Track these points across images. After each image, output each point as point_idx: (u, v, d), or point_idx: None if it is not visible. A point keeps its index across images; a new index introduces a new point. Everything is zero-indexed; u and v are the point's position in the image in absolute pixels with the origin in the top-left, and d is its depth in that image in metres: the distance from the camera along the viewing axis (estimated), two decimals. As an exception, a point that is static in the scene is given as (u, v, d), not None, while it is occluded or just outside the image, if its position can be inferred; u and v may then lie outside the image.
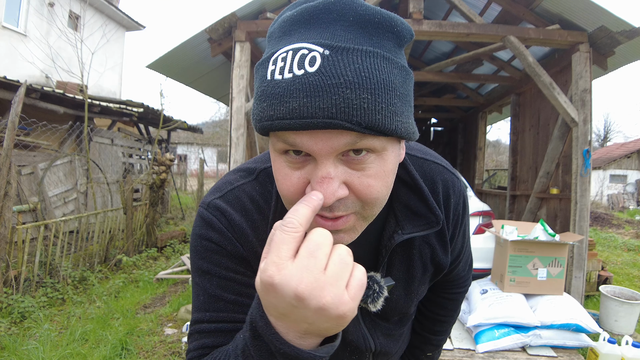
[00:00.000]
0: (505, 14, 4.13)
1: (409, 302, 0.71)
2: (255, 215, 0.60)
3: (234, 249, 0.59)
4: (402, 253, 0.66)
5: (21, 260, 3.49)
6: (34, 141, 5.21)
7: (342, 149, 0.43)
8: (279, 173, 0.48)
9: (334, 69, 0.40)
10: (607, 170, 19.93)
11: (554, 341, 2.64)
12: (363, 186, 0.46)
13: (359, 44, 0.42)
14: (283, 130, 0.43)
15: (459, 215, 0.71)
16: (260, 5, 3.68)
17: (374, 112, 0.41)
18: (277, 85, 0.42)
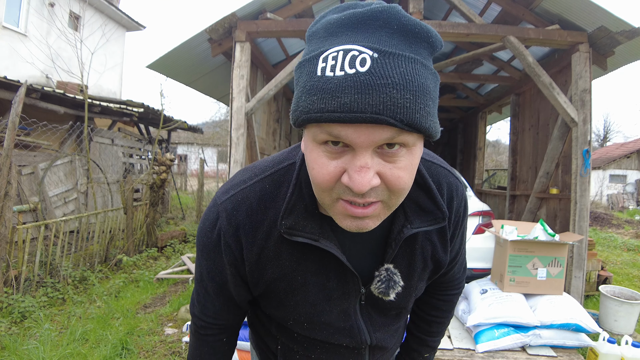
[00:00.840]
0: (505, 14, 4.14)
1: (407, 297, 0.73)
2: (259, 215, 0.64)
3: (229, 250, 0.65)
4: (405, 248, 0.69)
5: (21, 260, 3.49)
6: (35, 141, 5.21)
7: (381, 142, 0.48)
8: (315, 162, 0.52)
9: (382, 71, 0.45)
10: (607, 170, 19.94)
11: (554, 341, 2.64)
12: (394, 177, 0.51)
13: (402, 50, 0.47)
14: (331, 123, 0.47)
15: (460, 217, 0.75)
16: (260, 5, 3.69)
17: (414, 111, 0.46)
18: (328, 81, 0.46)
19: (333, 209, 0.56)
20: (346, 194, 0.51)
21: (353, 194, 0.50)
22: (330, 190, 0.53)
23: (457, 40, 5.10)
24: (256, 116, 5.11)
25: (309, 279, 0.66)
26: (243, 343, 2.22)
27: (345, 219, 0.55)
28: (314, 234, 0.62)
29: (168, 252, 5.58)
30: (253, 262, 0.65)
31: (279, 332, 0.78)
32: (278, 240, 0.64)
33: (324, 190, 0.53)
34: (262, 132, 5.58)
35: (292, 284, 0.67)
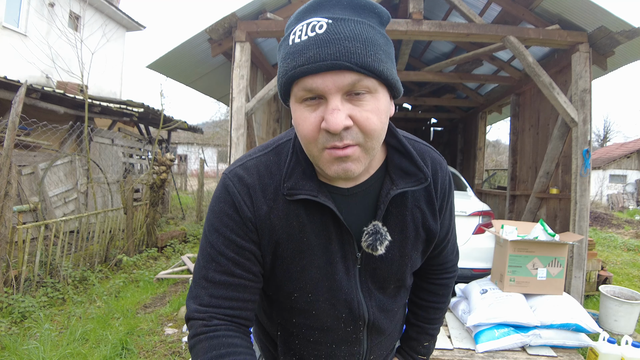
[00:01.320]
0: (505, 14, 4.14)
1: (403, 265, 0.78)
2: (266, 179, 0.72)
3: (242, 212, 0.70)
4: (397, 214, 0.75)
5: (21, 260, 3.49)
6: (35, 141, 5.21)
7: (346, 88, 0.58)
8: (299, 118, 0.63)
9: (335, 30, 0.57)
10: (607, 170, 19.93)
11: (554, 341, 2.64)
12: (363, 118, 0.60)
13: (351, 16, 0.59)
14: (303, 76, 0.58)
15: (446, 189, 0.80)
16: (260, 5, 3.69)
17: (365, 56, 0.57)
18: (296, 45, 0.59)
19: (321, 159, 0.64)
20: (328, 141, 0.60)
21: (333, 138, 0.60)
22: (315, 141, 0.62)
23: (457, 40, 5.10)
24: (256, 116, 5.11)
25: (313, 241, 0.72)
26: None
27: (332, 165, 0.63)
28: (312, 191, 0.69)
29: (168, 252, 5.58)
30: (263, 221, 0.71)
31: (280, 316, 0.81)
32: (284, 203, 0.71)
33: (310, 141, 0.63)
34: (262, 132, 5.58)
35: (298, 246, 0.72)
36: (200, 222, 7.97)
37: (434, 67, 5.49)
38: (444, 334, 2.85)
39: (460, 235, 3.66)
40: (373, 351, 0.85)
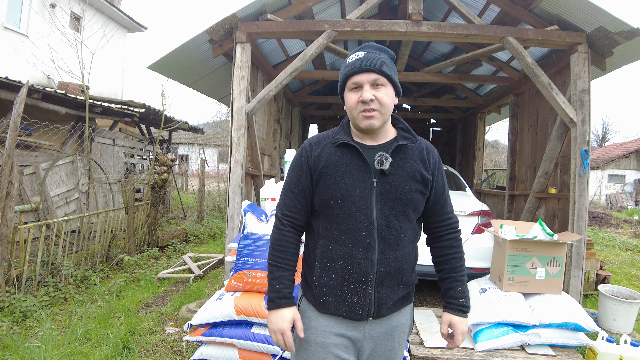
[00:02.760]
0: (504, 15, 4.15)
1: (405, 191, 1.19)
2: (321, 139, 1.28)
3: (304, 157, 1.25)
4: (401, 158, 1.22)
5: (23, 259, 3.51)
6: (36, 141, 5.23)
7: (371, 81, 1.16)
8: (350, 98, 1.20)
9: (368, 56, 1.18)
10: (606, 170, 19.94)
11: (553, 340, 2.65)
12: (379, 96, 1.16)
13: (375, 52, 1.21)
14: (352, 75, 1.18)
15: (437, 162, 1.28)
16: (260, 6, 3.71)
17: (381, 67, 1.17)
18: (350, 63, 1.20)
19: (358, 117, 1.18)
20: (362, 106, 1.16)
21: (364, 105, 1.16)
22: (355, 107, 1.18)
23: (456, 41, 5.12)
24: (257, 116, 5.13)
25: (344, 168, 1.20)
26: (245, 342, 2.24)
27: (363, 120, 1.17)
28: (349, 140, 1.22)
29: (169, 252, 5.59)
30: (315, 157, 1.23)
31: (320, 227, 1.23)
32: (330, 148, 1.24)
33: (354, 108, 1.19)
34: (262, 133, 5.59)
35: (334, 171, 1.20)
36: (201, 222, 7.99)
37: (433, 68, 5.50)
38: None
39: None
40: (382, 264, 1.17)
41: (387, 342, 1.24)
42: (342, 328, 1.21)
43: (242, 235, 2.51)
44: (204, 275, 4.46)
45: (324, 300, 1.20)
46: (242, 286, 2.40)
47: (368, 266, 1.16)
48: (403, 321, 1.29)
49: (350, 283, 1.17)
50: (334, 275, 1.19)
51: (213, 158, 21.01)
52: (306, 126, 9.75)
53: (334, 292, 1.19)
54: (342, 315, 1.19)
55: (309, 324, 1.24)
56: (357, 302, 1.17)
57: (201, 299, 3.57)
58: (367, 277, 1.16)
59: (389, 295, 1.19)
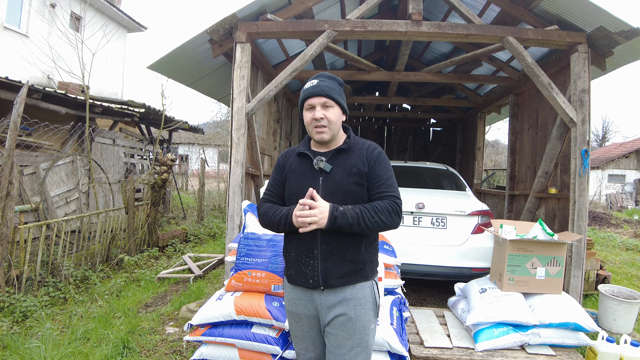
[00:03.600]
0: (504, 14, 4.15)
1: (344, 184, 1.50)
2: (290, 151, 1.67)
3: (280, 163, 1.66)
4: (341, 157, 1.56)
5: (23, 259, 3.51)
6: (36, 141, 5.23)
7: (322, 104, 1.53)
8: (306, 117, 1.56)
9: (320, 84, 1.55)
10: (606, 170, 19.94)
11: (553, 340, 2.65)
12: (328, 115, 1.52)
13: (325, 80, 1.58)
14: (308, 98, 1.54)
15: (375, 157, 1.55)
16: (260, 6, 3.71)
17: (331, 92, 1.54)
18: (307, 89, 1.57)
19: (312, 131, 1.54)
20: (315, 123, 1.52)
21: (316, 122, 1.52)
22: (310, 123, 1.54)
23: (456, 41, 5.12)
24: (257, 116, 5.13)
25: (301, 170, 1.57)
26: (245, 342, 2.24)
27: (317, 134, 1.53)
28: (304, 150, 1.59)
29: (169, 252, 5.59)
30: (284, 164, 1.63)
31: None
32: (293, 157, 1.62)
33: (309, 124, 1.55)
34: (262, 133, 5.59)
35: (294, 173, 1.58)
36: (201, 222, 7.99)
37: (433, 68, 5.50)
38: (444, 333, 2.87)
39: (460, 235, 3.68)
40: (324, 242, 1.47)
41: (342, 311, 1.47)
42: (304, 296, 1.54)
43: (242, 235, 2.51)
44: (204, 275, 4.46)
45: (290, 273, 1.57)
46: (242, 286, 2.40)
47: (313, 244, 1.47)
48: (359, 295, 1.49)
49: (302, 258, 1.50)
50: (292, 253, 1.54)
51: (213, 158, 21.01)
52: (306, 126, 9.74)
53: (294, 266, 1.53)
54: (301, 284, 1.52)
55: (287, 296, 1.61)
56: (308, 274, 1.49)
57: (201, 299, 3.58)
58: (313, 253, 1.48)
59: (333, 269, 1.47)
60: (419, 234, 3.70)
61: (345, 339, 1.47)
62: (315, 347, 1.59)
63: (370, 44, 7.04)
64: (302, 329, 1.58)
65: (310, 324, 1.56)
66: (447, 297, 3.63)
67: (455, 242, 3.64)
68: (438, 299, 4.04)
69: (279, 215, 1.49)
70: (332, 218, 1.38)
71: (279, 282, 2.34)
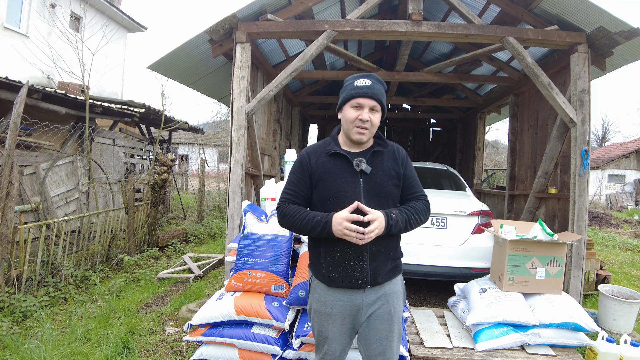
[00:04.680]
0: (504, 14, 4.15)
1: (385, 185, 1.54)
2: (317, 149, 1.62)
3: (305, 164, 1.58)
4: (377, 159, 1.58)
5: (23, 259, 3.51)
6: (36, 141, 5.23)
7: (371, 107, 1.52)
8: (350, 114, 1.52)
9: (372, 86, 1.53)
10: (606, 170, 19.94)
11: (553, 340, 2.65)
12: (373, 119, 1.52)
13: (376, 82, 1.55)
14: (359, 97, 1.51)
15: (404, 158, 1.63)
16: (260, 6, 3.71)
17: (382, 97, 1.55)
18: (359, 86, 1.54)
19: (352, 130, 1.52)
20: (358, 123, 1.51)
21: (361, 122, 1.50)
22: (353, 122, 1.51)
23: (456, 41, 5.12)
24: (257, 117, 5.13)
25: (336, 171, 1.54)
26: (245, 342, 2.24)
27: (356, 134, 1.52)
28: (339, 150, 1.56)
29: (169, 252, 5.59)
30: (314, 164, 1.57)
31: None
32: (324, 157, 1.57)
33: (351, 122, 1.52)
34: (262, 133, 5.59)
35: (330, 174, 1.54)
36: (201, 222, 7.99)
37: (433, 68, 5.50)
38: (444, 333, 2.87)
39: (459, 235, 3.68)
40: (373, 244, 1.47)
41: (383, 306, 1.55)
42: (343, 297, 1.55)
43: (242, 235, 2.51)
44: (204, 275, 4.46)
45: (332, 277, 1.54)
46: (242, 286, 2.40)
47: (363, 247, 1.48)
48: (395, 289, 1.60)
49: (350, 261, 1.50)
50: (336, 257, 1.52)
51: (213, 158, 21.01)
52: (306, 126, 9.75)
53: (338, 269, 1.52)
54: (346, 286, 1.53)
55: (320, 298, 1.59)
56: (357, 275, 1.51)
57: (201, 299, 3.57)
58: (363, 255, 1.50)
59: (381, 267, 1.53)
60: (418, 234, 3.69)
61: (386, 330, 1.55)
62: (342, 348, 1.60)
63: (370, 44, 7.04)
64: (334, 330, 1.56)
65: (343, 324, 1.56)
66: (447, 297, 3.63)
67: (455, 242, 3.64)
68: (438, 299, 4.04)
69: (313, 222, 1.46)
70: (388, 227, 1.44)
71: (278, 282, 2.34)
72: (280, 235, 2.43)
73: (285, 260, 2.38)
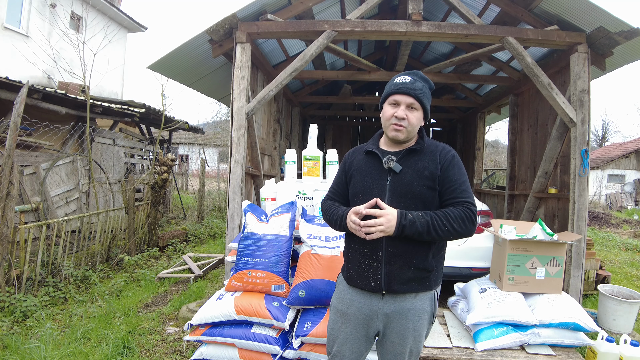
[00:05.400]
0: (504, 15, 4.16)
1: (414, 186, 1.44)
2: (357, 149, 1.65)
3: (345, 163, 1.64)
4: (413, 158, 1.50)
5: (23, 259, 3.51)
6: (36, 141, 5.23)
7: (408, 103, 1.47)
8: (387, 111, 1.50)
9: (412, 82, 1.49)
10: (605, 170, 19.94)
11: (553, 340, 2.65)
12: (410, 117, 1.47)
13: (418, 79, 1.52)
14: (394, 94, 1.49)
15: (448, 160, 1.49)
16: (260, 6, 3.71)
17: (419, 94, 1.48)
18: (398, 83, 1.50)
19: (389, 127, 1.49)
20: (395, 120, 1.46)
21: (397, 120, 1.46)
22: (390, 119, 1.47)
23: (456, 41, 5.13)
24: (257, 117, 5.13)
25: (368, 169, 1.53)
26: (245, 342, 2.24)
27: (392, 131, 1.48)
28: (373, 148, 1.56)
29: (169, 252, 5.60)
30: (350, 163, 1.61)
31: None
32: (360, 155, 1.60)
33: (388, 119, 1.48)
34: (262, 133, 5.60)
35: (361, 171, 1.54)
36: (201, 222, 7.99)
37: (433, 68, 5.51)
38: (443, 333, 2.87)
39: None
40: (390, 245, 1.42)
41: (400, 322, 1.46)
42: (360, 298, 1.50)
43: (242, 235, 2.51)
44: (204, 275, 4.46)
45: (350, 274, 1.52)
46: (242, 286, 2.40)
47: (377, 246, 1.42)
48: (419, 307, 1.47)
49: (365, 260, 1.46)
50: (355, 254, 1.50)
51: (213, 158, 21.01)
52: (306, 126, 9.74)
53: (355, 267, 1.50)
54: (361, 287, 1.48)
55: (340, 295, 1.58)
56: (371, 276, 1.45)
57: (201, 299, 3.58)
58: (378, 255, 1.43)
59: (398, 274, 1.42)
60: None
61: (400, 346, 1.47)
62: (353, 353, 1.53)
63: (370, 44, 7.04)
64: (346, 331, 1.51)
65: (357, 327, 1.50)
66: (446, 297, 3.63)
67: (455, 242, 3.64)
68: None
69: (336, 215, 1.48)
70: (399, 227, 1.33)
71: (279, 282, 2.35)
72: (280, 235, 2.43)
73: (285, 260, 2.38)
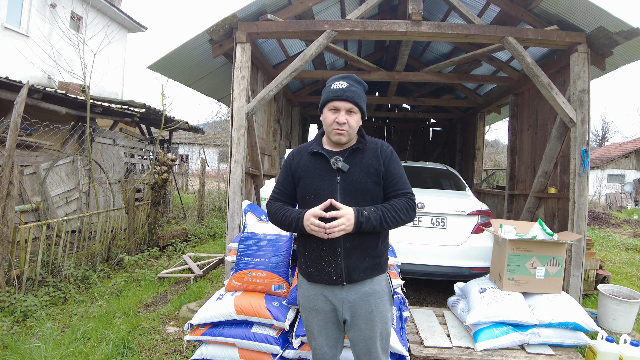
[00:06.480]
0: (504, 14, 4.16)
1: (362, 183, 1.54)
2: (301, 149, 1.70)
3: (288, 163, 1.68)
4: (357, 157, 1.59)
5: (24, 259, 3.51)
6: (37, 141, 5.23)
7: (347, 109, 1.55)
8: (328, 117, 1.57)
9: (349, 88, 1.57)
10: (605, 170, 19.95)
11: (553, 339, 2.66)
12: (350, 121, 1.55)
13: (354, 84, 1.59)
14: (335, 100, 1.55)
15: (388, 155, 1.61)
16: (260, 6, 3.71)
17: (358, 99, 1.57)
18: (335, 89, 1.57)
19: (331, 132, 1.56)
20: (336, 125, 1.54)
21: (338, 125, 1.54)
22: (331, 124, 1.55)
23: (456, 41, 5.13)
24: (257, 116, 5.13)
25: (316, 170, 1.59)
26: (245, 342, 2.25)
27: (335, 135, 1.56)
28: (319, 149, 1.61)
29: (169, 252, 5.60)
30: (296, 164, 1.64)
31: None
32: (306, 156, 1.63)
33: (330, 125, 1.56)
34: (262, 133, 5.60)
35: (309, 172, 1.59)
36: (201, 222, 7.99)
37: (433, 68, 5.51)
38: (443, 333, 2.88)
39: (459, 235, 3.68)
40: (347, 240, 1.51)
41: (364, 306, 1.56)
42: (325, 292, 1.58)
43: (243, 235, 2.51)
44: (204, 274, 4.46)
45: (310, 272, 1.60)
46: (242, 286, 2.40)
47: (336, 243, 1.51)
48: (377, 288, 1.59)
49: (325, 257, 1.54)
50: (313, 252, 1.57)
51: (213, 158, 21.01)
52: (306, 126, 9.75)
53: (315, 264, 1.57)
54: (322, 282, 1.57)
55: (304, 293, 1.65)
56: (332, 271, 1.54)
57: (201, 299, 3.58)
58: (337, 251, 1.52)
59: (356, 265, 1.54)
60: (418, 234, 3.70)
61: (369, 330, 1.57)
62: (329, 341, 1.64)
63: (370, 44, 7.04)
64: (319, 324, 1.62)
65: (327, 318, 1.61)
66: (446, 297, 3.64)
67: (455, 242, 3.65)
68: (438, 299, 4.05)
69: (289, 218, 1.54)
70: (358, 224, 1.44)
71: (279, 282, 2.35)
72: (280, 234, 2.44)
73: (285, 260, 2.38)
